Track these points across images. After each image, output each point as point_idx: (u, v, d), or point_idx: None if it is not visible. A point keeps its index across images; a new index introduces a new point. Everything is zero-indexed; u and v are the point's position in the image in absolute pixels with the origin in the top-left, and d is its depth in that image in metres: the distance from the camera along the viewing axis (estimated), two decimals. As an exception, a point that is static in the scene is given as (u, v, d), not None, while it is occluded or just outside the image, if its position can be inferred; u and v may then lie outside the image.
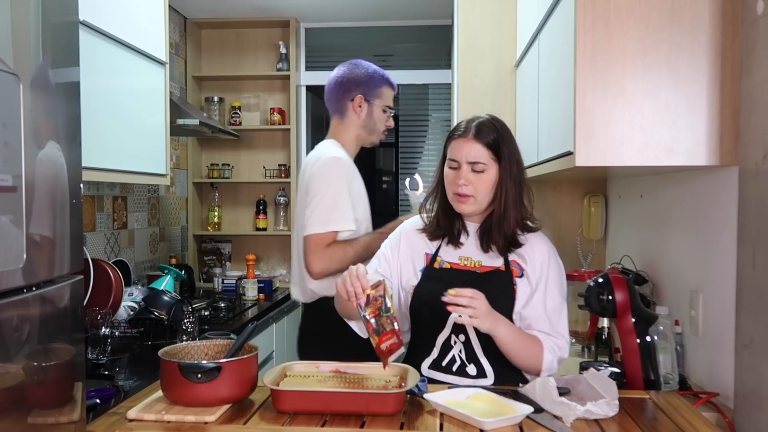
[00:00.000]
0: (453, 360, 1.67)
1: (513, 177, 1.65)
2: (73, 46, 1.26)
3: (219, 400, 1.44)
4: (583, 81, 1.73)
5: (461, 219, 1.73)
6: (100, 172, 2.40)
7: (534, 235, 1.70)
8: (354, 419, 1.38)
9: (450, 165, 1.68)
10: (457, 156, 1.66)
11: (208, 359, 1.55)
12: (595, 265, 2.75)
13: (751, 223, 1.61)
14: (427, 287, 1.69)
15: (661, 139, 1.71)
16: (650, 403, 1.55)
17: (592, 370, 1.54)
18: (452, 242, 1.72)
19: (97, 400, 1.74)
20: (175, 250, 4.06)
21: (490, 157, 1.64)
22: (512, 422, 1.36)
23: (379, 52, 4.66)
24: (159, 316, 2.60)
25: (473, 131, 1.65)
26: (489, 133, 1.64)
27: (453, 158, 1.67)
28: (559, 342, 1.65)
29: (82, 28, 2.20)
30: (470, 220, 1.73)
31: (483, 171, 1.64)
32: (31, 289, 1.11)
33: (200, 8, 4.10)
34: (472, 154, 1.64)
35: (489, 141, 1.64)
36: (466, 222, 1.73)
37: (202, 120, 3.47)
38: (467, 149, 1.64)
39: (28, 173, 1.09)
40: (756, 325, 1.57)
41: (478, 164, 1.64)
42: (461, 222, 1.73)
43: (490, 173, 1.64)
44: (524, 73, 2.75)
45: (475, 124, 1.66)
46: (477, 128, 1.65)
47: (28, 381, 1.10)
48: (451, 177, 1.67)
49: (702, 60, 1.70)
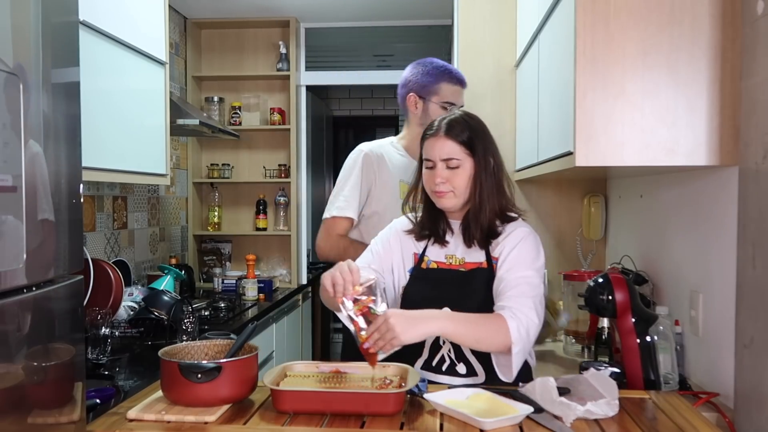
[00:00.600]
0: (442, 359, 1.68)
1: (488, 170, 1.66)
2: (73, 46, 1.26)
3: (219, 400, 1.44)
4: (583, 81, 1.73)
5: (445, 218, 1.74)
6: (100, 172, 2.40)
7: (513, 224, 1.69)
8: (354, 419, 1.38)
9: (426, 165, 1.70)
10: (431, 155, 1.68)
11: (208, 359, 1.55)
12: (595, 265, 2.75)
13: (751, 223, 1.61)
14: (415, 288, 1.71)
15: (661, 139, 1.71)
16: (650, 403, 1.55)
17: (592, 370, 1.54)
18: (438, 241, 1.74)
19: (97, 400, 1.74)
20: (175, 250, 4.06)
21: (464, 152, 1.65)
22: (512, 422, 1.36)
23: (379, 52, 4.66)
24: (159, 316, 2.60)
25: (444, 129, 1.67)
26: (460, 129, 1.66)
27: (427, 158, 1.69)
28: (524, 309, 1.54)
29: (82, 28, 2.20)
30: (453, 218, 1.74)
31: (458, 167, 1.65)
32: (31, 289, 1.11)
33: (200, 8, 4.10)
34: (445, 151, 1.65)
35: (461, 137, 1.65)
36: (450, 220, 1.74)
37: (202, 120, 3.47)
38: (439, 147, 1.66)
39: (28, 173, 1.09)
40: (756, 325, 1.57)
41: (451, 160, 1.65)
42: (446, 221, 1.74)
43: (465, 168, 1.65)
44: (524, 73, 2.75)
45: (446, 122, 1.68)
46: (448, 126, 1.67)
47: (28, 381, 1.10)
48: (428, 176, 1.70)
49: (702, 60, 1.70)
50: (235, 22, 4.32)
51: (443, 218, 1.74)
